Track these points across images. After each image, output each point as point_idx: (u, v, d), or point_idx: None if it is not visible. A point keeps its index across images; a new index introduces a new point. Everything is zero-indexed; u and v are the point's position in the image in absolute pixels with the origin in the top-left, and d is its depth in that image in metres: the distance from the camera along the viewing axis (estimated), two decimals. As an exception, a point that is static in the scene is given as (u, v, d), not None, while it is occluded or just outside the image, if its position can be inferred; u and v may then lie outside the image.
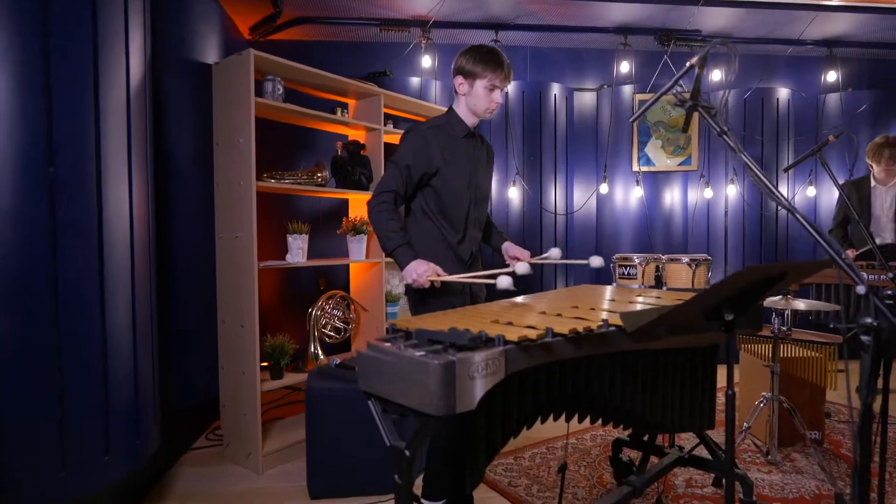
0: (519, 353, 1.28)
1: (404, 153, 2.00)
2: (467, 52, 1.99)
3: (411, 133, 2.03)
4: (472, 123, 2.08)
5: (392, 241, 1.90)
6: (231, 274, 2.82)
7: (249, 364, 2.75)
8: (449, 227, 2.07)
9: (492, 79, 1.96)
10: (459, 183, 2.05)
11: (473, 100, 2.01)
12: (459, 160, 2.05)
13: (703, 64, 1.34)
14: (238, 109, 2.70)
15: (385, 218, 1.93)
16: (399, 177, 1.98)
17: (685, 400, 1.95)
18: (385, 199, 1.95)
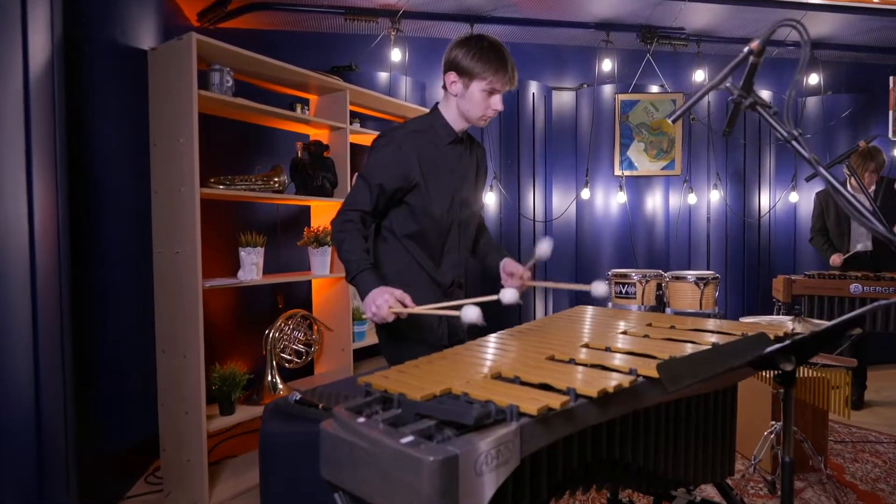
0: (537, 427, 0.96)
1: (376, 165, 1.64)
2: (464, 43, 1.63)
3: (385, 140, 1.67)
4: (461, 129, 1.73)
5: (353, 266, 1.56)
6: (171, 296, 2.42)
7: (193, 401, 2.36)
8: (425, 253, 1.74)
9: (492, 81, 1.61)
10: (440, 202, 1.70)
11: (467, 103, 1.66)
12: (442, 174, 1.70)
13: (762, 51, 1.05)
14: (178, 104, 2.31)
15: (347, 239, 1.58)
16: (368, 194, 1.63)
17: (707, 449, 1.67)
18: (350, 218, 1.61)
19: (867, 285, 3.26)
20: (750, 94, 1.05)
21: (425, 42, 4.28)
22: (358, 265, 1.55)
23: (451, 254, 1.77)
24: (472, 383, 1.09)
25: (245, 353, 3.25)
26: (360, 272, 1.55)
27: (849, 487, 2.61)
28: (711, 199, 4.51)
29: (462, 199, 1.76)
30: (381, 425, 0.92)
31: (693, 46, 4.47)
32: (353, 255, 1.56)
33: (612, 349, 1.41)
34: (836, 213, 3.71)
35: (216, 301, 3.14)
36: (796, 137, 0.99)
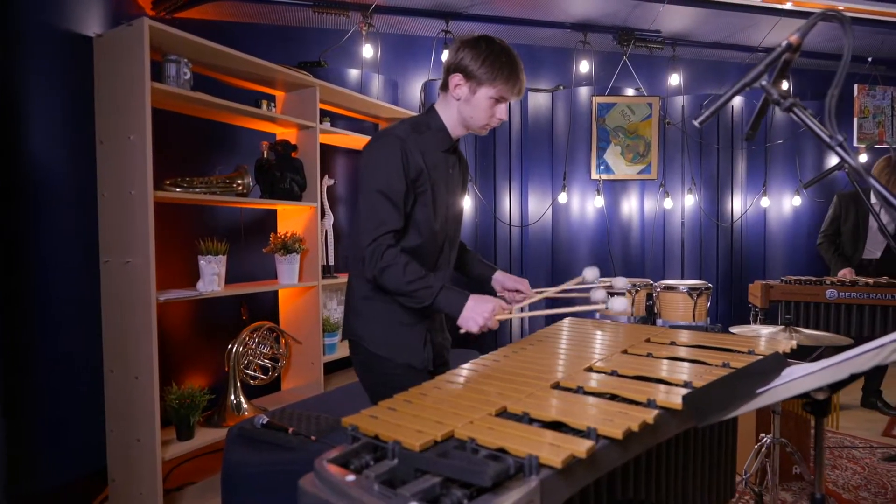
0: (559, 480, 0.81)
1: (391, 175, 1.45)
2: (475, 45, 1.48)
3: (386, 142, 1.48)
4: (458, 135, 1.59)
5: (429, 291, 1.41)
6: (121, 310, 2.18)
7: (146, 426, 2.13)
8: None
9: (502, 90, 1.48)
10: (440, 214, 1.56)
11: (471, 110, 1.51)
12: (440, 184, 1.56)
13: (799, 46, 0.94)
14: (129, 97, 2.08)
15: (402, 269, 1.41)
16: (394, 209, 1.45)
17: (712, 474, 1.57)
18: (389, 244, 1.43)
19: (843, 291, 3.26)
20: (789, 96, 0.93)
21: (398, 39, 4.11)
22: (431, 289, 1.41)
23: (442, 270, 1.63)
24: (476, 424, 0.94)
25: (205, 371, 3.01)
26: (440, 292, 1.41)
27: (832, 496, 2.58)
28: (686, 204, 4.49)
29: (454, 214, 1.63)
30: (376, 486, 0.76)
31: (669, 50, 4.44)
32: (420, 281, 1.41)
33: (620, 373, 1.29)
34: (856, 218, 3.66)
35: (173, 314, 2.89)
36: (841, 143, 0.88)
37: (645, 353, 1.47)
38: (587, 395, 1.13)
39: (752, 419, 2.63)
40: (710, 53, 4.64)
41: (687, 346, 1.55)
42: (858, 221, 3.64)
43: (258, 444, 2.00)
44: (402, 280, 1.40)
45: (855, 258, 3.68)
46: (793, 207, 4.69)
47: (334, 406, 2.38)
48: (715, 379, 1.13)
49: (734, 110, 4.51)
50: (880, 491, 2.60)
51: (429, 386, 1.19)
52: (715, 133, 4.47)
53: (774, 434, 2.32)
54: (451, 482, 0.77)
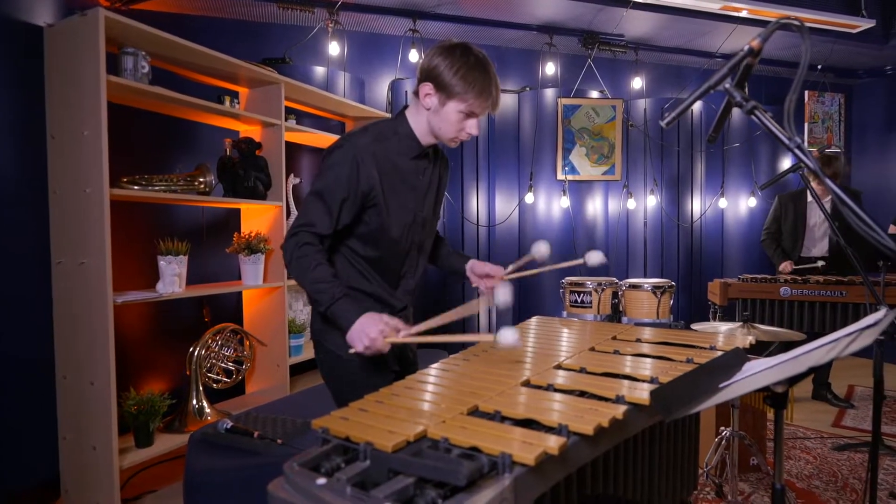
0: (531, 477, 0.82)
1: (332, 182, 1.41)
2: (448, 53, 1.40)
3: (341, 153, 1.44)
4: (428, 143, 1.52)
5: (326, 294, 1.34)
6: (75, 313, 2.09)
7: (102, 433, 2.05)
8: (377, 277, 1.55)
9: (473, 105, 1.40)
10: (399, 223, 1.51)
11: (440, 121, 1.45)
12: (402, 191, 1.50)
13: (760, 51, 0.97)
14: (82, 91, 1.99)
15: (312, 264, 1.36)
16: (326, 215, 1.41)
17: (676, 468, 1.61)
18: (308, 241, 1.39)
19: (796, 288, 3.41)
20: (750, 99, 0.96)
21: (365, 37, 4.07)
22: (332, 293, 1.34)
23: (407, 278, 1.59)
24: (448, 423, 0.94)
25: (166, 375, 2.92)
26: (337, 301, 1.34)
27: (787, 486, 2.68)
28: (648, 205, 4.60)
29: (423, 219, 1.57)
30: (349, 488, 0.74)
31: (631, 54, 4.54)
32: (323, 283, 1.35)
33: (588, 370, 1.30)
34: (794, 218, 3.84)
35: (131, 317, 2.79)
36: (799, 145, 0.91)
37: (612, 350, 1.50)
38: (557, 392, 1.14)
39: (713, 413, 2.71)
40: (671, 58, 4.77)
41: (652, 342, 1.59)
42: (797, 220, 3.82)
43: (222, 450, 1.94)
44: (308, 276, 1.36)
45: (794, 254, 3.86)
46: (748, 208, 4.87)
47: (301, 408, 2.34)
48: (680, 374, 1.16)
49: (694, 114, 4.64)
50: (831, 479, 2.72)
51: (400, 386, 1.18)
52: (675, 136, 4.60)
53: (734, 427, 2.40)
54: (424, 482, 0.77)
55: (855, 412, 3.69)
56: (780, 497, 1.09)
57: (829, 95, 5.23)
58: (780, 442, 1.10)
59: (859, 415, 3.64)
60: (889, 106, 5.27)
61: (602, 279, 2.83)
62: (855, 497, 2.52)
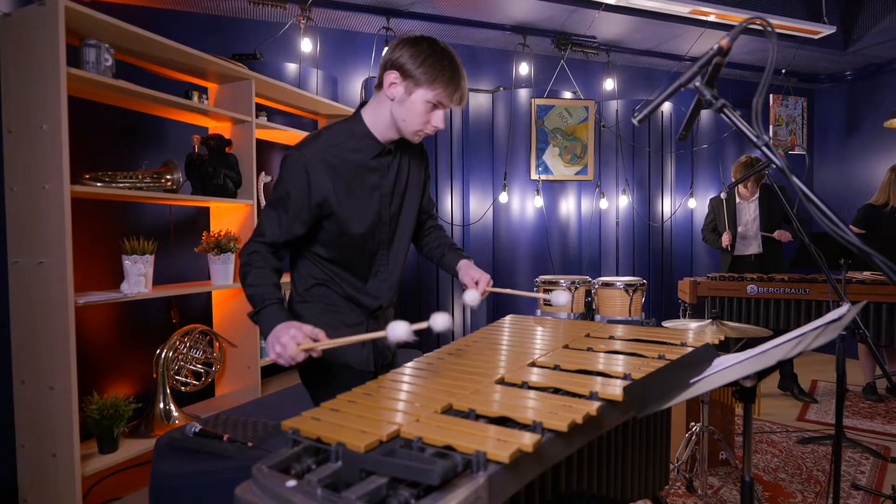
0: (506, 475, 0.81)
1: (283, 193, 1.40)
2: (414, 43, 1.37)
3: (291, 162, 1.40)
4: (389, 139, 1.48)
5: (256, 300, 1.32)
6: (33, 315, 2.01)
7: (63, 439, 1.97)
8: (347, 276, 1.52)
9: (440, 94, 1.37)
10: (360, 226, 1.47)
11: (405, 112, 1.40)
12: (361, 195, 1.46)
13: (729, 50, 0.98)
14: (41, 83, 1.92)
15: (252, 272, 1.36)
16: (277, 225, 1.40)
17: (647, 463, 1.62)
18: (256, 250, 1.38)
19: (761, 286, 3.50)
20: (720, 97, 0.97)
21: (338, 34, 4.03)
22: (262, 299, 1.31)
23: (379, 276, 1.56)
24: (422, 422, 0.92)
25: (132, 379, 2.83)
26: (264, 307, 1.30)
27: (754, 479, 2.74)
28: (620, 205, 4.66)
29: (391, 215, 1.53)
30: (319, 490, 0.72)
31: (604, 55, 4.60)
32: (256, 290, 1.32)
33: (562, 367, 1.31)
34: (726, 219, 3.98)
35: (95, 319, 2.69)
36: (767, 143, 0.93)
37: (585, 347, 1.51)
38: (531, 389, 1.13)
39: (683, 409, 2.76)
40: (642, 60, 4.85)
41: (624, 339, 1.60)
42: (728, 219, 3.97)
43: (190, 454, 1.89)
44: (246, 282, 1.36)
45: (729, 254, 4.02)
46: (716, 208, 4.98)
47: (273, 410, 2.29)
48: (653, 370, 1.17)
49: (664, 115, 4.73)
50: (796, 472, 2.80)
51: (373, 385, 1.16)
52: (646, 137, 4.67)
53: (703, 422, 2.45)
54: (398, 482, 0.75)
55: (818, 406, 3.81)
56: (750, 489, 1.11)
57: (792, 99, 5.39)
58: (750, 435, 1.12)
59: (822, 409, 3.76)
60: (849, 110, 5.46)
61: (575, 278, 2.86)
62: (819, 488, 2.60)
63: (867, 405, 3.82)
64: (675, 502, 2.49)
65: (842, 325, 0.95)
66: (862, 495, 2.51)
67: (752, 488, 1.10)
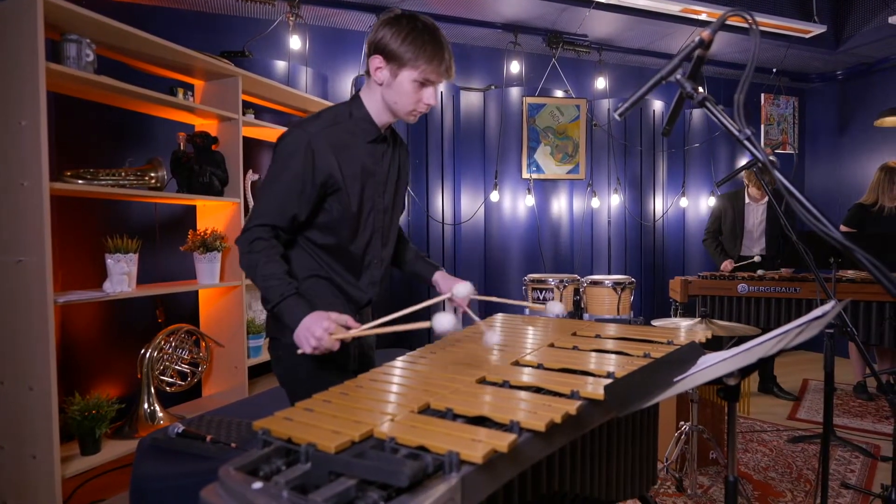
0: (480, 476, 0.79)
1: (286, 173, 1.36)
2: (393, 23, 1.35)
3: (292, 138, 1.38)
4: (385, 123, 1.47)
5: (274, 291, 1.30)
6: (11, 314, 1.97)
7: (43, 441, 1.94)
8: (340, 268, 1.50)
9: (426, 71, 1.35)
10: (359, 210, 1.46)
11: (394, 94, 1.39)
12: (361, 178, 1.45)
13: (711, 42, 0.97)
14: (19, 79, 1.88)
15: (261, 260, 1.32)
16: (279, 207, 1.36)
17: (635, 462, 1.61)
18: (259, 235, 1.34)
19: (752, 285, 3.50)
20: (695, 84, 0.96)
21: (328, 31, 4.00)
22: (280, 290, 1.29)
23: (372, 268, 1.55)
24: (397, 422, 0.90)
25: (116, 379, 2.80)
26: (285, 298, 1.29)
27: (744, 478, 2.73)
28: (612, 203, 4.65)
29: (384, 206, 1.53)
30: (285, 492, 0.70)
31: (595, 54, 4.59)
32: (272, 280, 1.30)
33: (546, 366, 1.29)
34: (733, 218, 3.96)
35: (78, 318, 2.66)
36: (749, 137, 0.91)
37: (571, 346, 1.49)
38: (513, 388, 1.12)
39: (673, 408, 2.75)
40: (634, 59, 4.84)
41: (611, 338, 1.58)
42: (735, 221, 3.95)
43: (172, 455, 1.86)
44: (259, 273, 1.32)
45: (734, 253, 3.99)
46: (708, 207, 4.98)
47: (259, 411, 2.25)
48: (635, 369, 1.15)
49: (655, 114, 4.73)
50: (787, 471, 2.79)
51: (350, 385, 1.13)
52: (638, 136, 4.67)
53: (693, 422, 2.44)
54: (367, 484, 0.73)
55: (809, 405, 3.81)
56: (733, 488, 1.09)
57: (783, 98, 5.40)
58: (734, 434, 1.11)
59: (813, 407, 3.76)
60: (840, 110, 5.48)
61: (564, 276, 2.85)
62: (809, 487, 2.59)
63: (858, 404, 3.83)
64: (665, 502, 2.48)
65: (824, 323, 0.94)
66: (852, 494, 2.51)
67: (735, 488, 1.09)
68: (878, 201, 3.78)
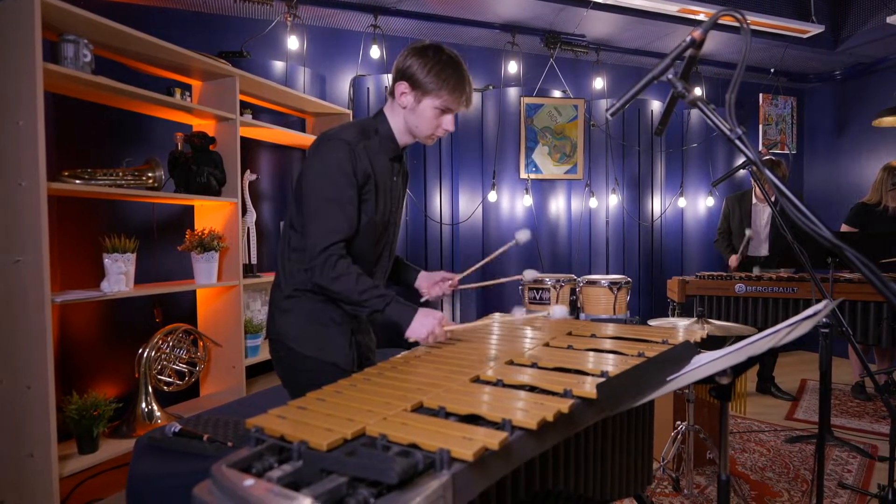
0: (472, 474, 0.79)
1: (342, 178, 1.41)
2: (421, 53, 1.46)
3: (336, 148, 1.42)
4: (405, 143, 1.58)
5: (379, 301, 1.39)
6: (9, 314, 1.98)
7: (41, 440, 1.95)
8: None
9: (447, 101, 1.47)
10: (379, 223, 1.54)
11: (416, 119, 1.50)
12: (384, 191, 1.54)
13: (702, 42, 0.97)
14: (16, 79, 1.89)
15: (352, 278, 1.39)
16: (344, 218, 1.42)
17: (630, 462, 1.61)
18: (339, 254, 1.40)
19: (749, 285, 3.50)
20: (692, 90, 0.96)
21: (326, 32, 4.01)
22: (384, 298, 1.40)
23: (377, 278, 1.62)
24: (389, 420, 0.91)
25: (114, 378, 2.80)
26: (391, 303, 1.40)
27: (741, 478, 2.74)
28: (610, 204, 4.66)
29: (394, 221, 1.62)
30: (276, 488, 0.71)
31: (593, 54, 4.59)
32: (372, 291, 1.40)
33: (540, 365, 1.29)
34: (740, 217, 3.97)
35: (76, 318, 2.66)
36: (740, 136, 0.92)
37: (566, 345, 1.49)
38: (506, 387, 1.12)
39: (669, 408, 2.75)
40: (631, 59, 4.85)
41: (606, 337, 1.59)
42: (742, 221, 3.96)
43: (169, 454, 1.87)
44: (356, 289, 1.39)
45: (742, 253, 3.99)
46: (707, 208, 4.99)
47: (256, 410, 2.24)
48: (628, 367, 1.16)
49: (653, 114, 4.73)
50: (784, 471, 2.80)
51: (345, 383, 1.14)
52: (636, 136, 4.67)
53: (689, 421, 2.44)
54: (358, 481, 0.73)
55: (807, 405, 3.82)
56: (726, 487, 1.09)
57: (782, 98, 5.40)
58: (726, 433, 1.11)
59: (811, 407, 3.76)
60: (838, 110, 5.48)
61: (560, 276, 2.85)
62: (805, 487, 2.60)
63: (856, 404, 3.83)
64: (662, 501, 2.48)
65: (814, 321, 0.94)
66: (849, 494, 2.51)
67: (728, 487, 1.09)
68: (882, 201, 3.77)
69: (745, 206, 3.96)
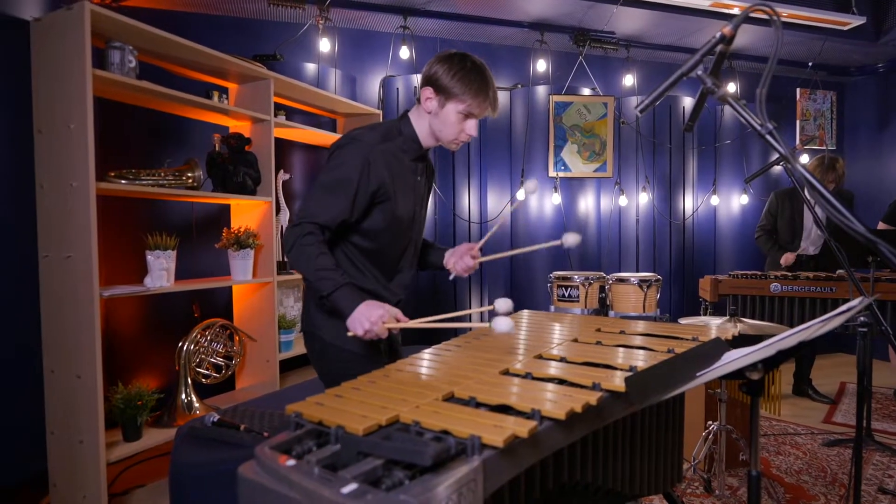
0: (501, 460, 0.82)
1: (343, 178, 1.46)
2: (446, 60, 1.50)
3: (352, 148, 1.48)
4: (429, 147, 1.61)
5: (329, 282, 1.39)
6: (61, 307, 2.09)
7: (90, 427, 2.05)
8: (376, 271, 1.61)
9: (471, 105, 1.49)
10: (402, 221, 1.58)
11: (440, 123, 1.53)
12: (406, 191, 1.58)
13: (733, 38, 0.98)
14: (69, 84, 1.99)
15: (314, 252, 1.41)
16: (331, 208, 1.46)
17: (659, 458, 1.61)
18: (311, 231, 1.43)
19: (785, 284, 3.42)
20: (716, 81, 0.97)
21: (356, 34, 4.07)
22: (335, 281, 1.39)
23: (403, 273, 1.66)
24: (422, 408, 0.94)
25: (155, 370, 2.92)
26: (340, 287, 1.39)
27: (776, 480, 2.69)
28: (640, 202, 4.61)
29: (419, 218, 1.66)
30: (317, 469, 0.75)
31: (623, 51, 4.55)
32: (326, 272, 1.40)
33: (569, 360, 1.31)
34: (791, 214, 3.86)
35: (120, 312, 2.79)
36: (771, 131, 0.92)
37: (595, 341, 1.51)
38: (535, 380, 1.14)
39: (700, 407, 2.72)
40: (663, 56, 4.78)
41: (636, 334, 1.59)
42: (794, 217, 3.84)
43: (208, 443, 1.95)
44: (312, 264, 1.40)
45: (791, 250, 3.88)
46: (741, 205, 4.88)
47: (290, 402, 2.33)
48: (657, 362, 1.16)
49: (685, 111, 4.65)
50: (820, 475, 2.73)
51: (378, 374, 1.18)
52: (667, 133, 4.61)
53: (721, 421, 2.41)
54: (393, 464, 0.77)
55: (846, 408, 3.70)
56: (757, 483, 1.09)
57: (820, 93, 5.25)
58: (756, 429, 1.11)
59: (850, 411, 3.65)
60: (881, 104, 5.29)
61: (589, 273, 2.84)
62: (843, 492, 2.53)
63: (897, 407, 3.71)
64: (693, 502, 2.45)
65: (846, 317, 0.94)
66: (889, 499, 2.44)
67: (759, 483, 1.09)
68: None
69: (797, 203, 3.84)
